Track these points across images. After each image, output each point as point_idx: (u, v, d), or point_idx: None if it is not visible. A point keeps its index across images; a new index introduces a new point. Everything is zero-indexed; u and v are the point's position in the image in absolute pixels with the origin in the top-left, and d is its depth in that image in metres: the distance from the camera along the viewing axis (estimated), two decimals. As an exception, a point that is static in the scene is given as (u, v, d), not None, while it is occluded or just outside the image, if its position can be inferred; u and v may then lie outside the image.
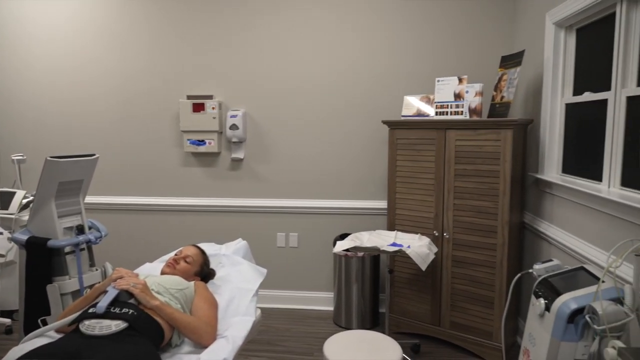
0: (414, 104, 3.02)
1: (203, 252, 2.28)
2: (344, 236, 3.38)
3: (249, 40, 3.45)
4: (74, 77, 3.64)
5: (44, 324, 2.30)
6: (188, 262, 2.16)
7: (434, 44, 3.28)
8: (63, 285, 2.33)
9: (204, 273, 2.23)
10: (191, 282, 2.06)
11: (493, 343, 2.69)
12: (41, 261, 2.30)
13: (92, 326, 1.64)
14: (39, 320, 2.30)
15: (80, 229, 2.46)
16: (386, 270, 2.74)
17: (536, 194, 2.79)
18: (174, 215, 3.66)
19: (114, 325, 1.64)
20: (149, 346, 1.63)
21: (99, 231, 2.55)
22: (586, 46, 2.38)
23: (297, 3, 3.37)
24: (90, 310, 1.72)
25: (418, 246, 2.51)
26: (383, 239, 2.74)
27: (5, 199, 3.17)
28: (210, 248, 2.55)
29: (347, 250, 2.59)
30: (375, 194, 3.45)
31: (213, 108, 3.43)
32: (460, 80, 2.78)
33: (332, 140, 3.45)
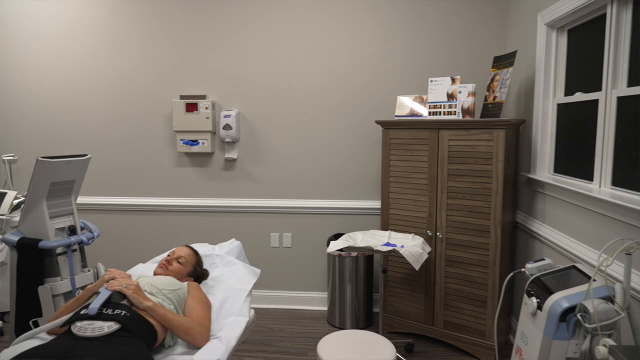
0: (407, 104, 3.03)
1: (196, 253, 2.27)
2: (337, 236, 3.38)
3: (243, 40, 3.44)
4: (66, 77, 3.62)
5: (36, 325, 2.29)
6: (181, 263, 2.15)
7: (427, 44, 3.30)
8: (55, 287, 2.31)
9: (197, 274, 2.23)
10: (184, 283, 2.05)
11: (486, 342, 2.70)
12: (32, 262, 2.28)
13: (84, 328, 1.63)
14: (30, 322, 2.28)
15: (72, 230, 2.44)
16: (380, 270, 2.74)
17: (528, 194, 2.81)
18: (167, 216, 3.64)
19: (106, 327, 1.63)
20: (142, 347, 1.62)
21: (91, 232, 2.54)
22: (577, 47, 2.40)
23: (291, 3, 3.37)
24: (82, 312, 1.71)
25: (411, 246, 2.52)
26: (377, 239, 2.75)
27: (-4, 199, 3.14)
28: (203, 248, 2.54)
29: (341, 250, 2.59)
30: (368, 194, 3.46)
31: (206, 108, 3.42)
32: (453, 80, 2.79)
33: (326, 140, 3.45)
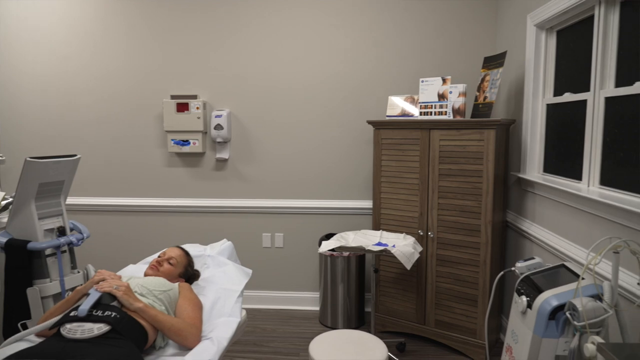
0: (399, 104, 3.04)
1: (187, 254, 2.26)
2: (329, 236, 3.38)
3: (235, 40, 3.43)
4: (55, 76, 3.58)
5: (24, 327, 2.26)
6: (172, 264, 2.14)
7: (418, 45, 3.31)
8: (44, 288, 2.29)
9: (188, 274, 2.22)
10: (175, 284, 2.04)
11: (477, 340, 2.72)
12: (21, 264, 2.25)
13: (74, 330, 1.61)
14: (19, 324, 2.26)
15: (61, 231, 2.42)
16: (372, 270, 2.75)
17: (518, 193, 2.83)
18: (158, 216, 3.62)
19: (96, 329, 1.62)
20: (132, 349, 1.61)
21: (81, 233, 2.52)
22: (566, 48, 2.42)
23: (283, 4, 3.37)
24: (71, 314, 1.69)
25: (403, 245, 2.53)
26: (368, 239, 2.75)
27: (-16, 200, 3.10)
28: (194, 249, 2.53)
29: (333, 250, 2.59)
30: (360, 194, 3.46)
31: (197, 108, 3.40)
32: (444, 80, 2.80)
33: (318, 140, 3.45)
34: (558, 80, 2.51)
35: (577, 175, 2.25)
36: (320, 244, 3.42)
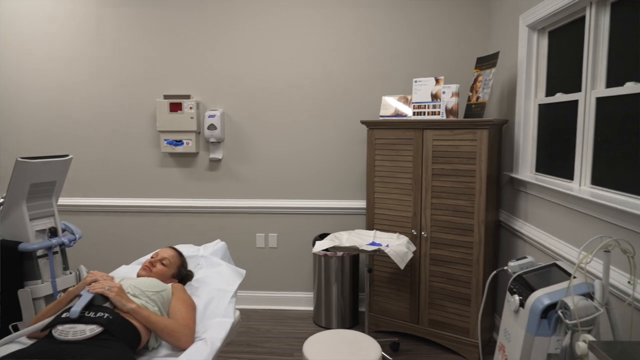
0: (392, 105, 3.04)
1: (180, 254, 2.25)
2: (323, 236, 3.38)
3: (228, 40, 3.42)
4: (47, 76, 3.55)
5: (15, 329, 2.24)
6: (165, 265, 2.13)
7: (412, 45, 3.32)
8: (35, 290, 2.27)
9: (182, 275, 2.21)
10: (168, 285, 2.03)
11: (470, 339, 2.73)
12: (12, 265, 2.23)
13: (66, 331, 1.60)
14: (9, 326, 2.24)
15: (53, 232, 2.40)
16: (365, 270, 2.75)
17: (511, 193, 2.85)
18: (151, 217, 3.60)
19: (89, 330, 1.61)
20: (125, 350, 1.60)
21: (73, 234, 2.50)
22: (558, 48, 2.44)
23: (277, 4, 3.36)
24: (63, 315, 1.68)
25: (396, 245, 2.54)
26: (362, 239, 2.76)
27: (-26, 201, 3.07)
28: (188, 249, 2.52)
29: (327, 250, 2.60)
30: (354, 194, 3.47)
31: (190, 108, 3.39)
32: (437, 81, 2.81)
33: (311, 140, 3.45)
34: (550, 80, 2.53)
35: (569, 174, 2.26)
36: (314, 244, 3.42)
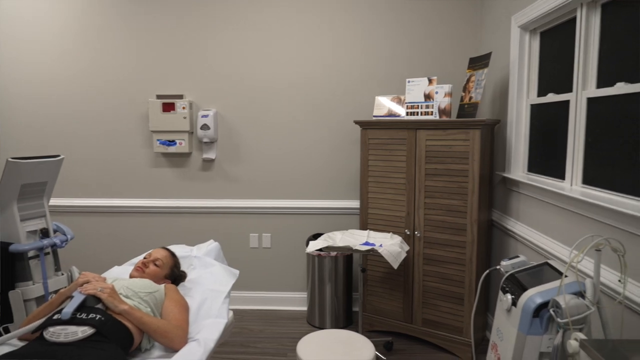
0: (385, 105, 3.05)
1: (173, 255, 2.24)
2: (317, 236, 3.38)
3: (221, 40, 3.41)
4: (38, 75, 3.52)
5: (6, 331, 2.22)
6: (157, 265, 2.12)
7: (405, 46, 3.33)
8: (26, 291, 2.25)
9: (175, 276, 2.20)
10: (161, 285, 2.02)
11: (463, 338, 2.75)
12: (3, 266, 2.21)
13: (57, 333, 1.59)
14: (0, 328, 2.22)
15: (44, 233, 2.38)
16: (359, 270, 2.76)
17: (503, 192, 2.86)
18: (144, 217, 3.58)
19: (80, 332, 1.60)
20: (118, 352, 1.60)
21: (65, 234, 2.48)
22: (550, 49, 2.46)
23: (271, 4, 3.36)
24: (55, 317, 1.67)
25: (390, 245, 2.54)
26: (356, 239, 2.76)
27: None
28: (181, 250, 2.51)
29: (320, 250, 2.60)
30: (347, 194, 3.47)
31: (183, 108, 3.37)
32: (430, 81, 2.82)
33: (305, 140, 3.45)
34: (542, 80, 2.55)
35: (561, 174, 2.28)
36: (307, 244, 3.42)
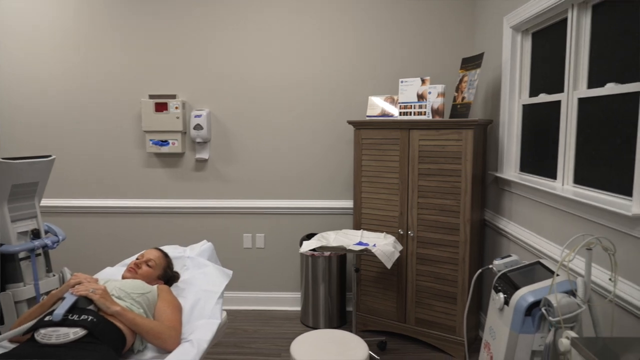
0: (379, 105, 3.06)
1: (166, 255, 2.23)
2: (310, 236, 3.38)
3: (215, 40, 3.40)
4: (30, 76, 3.49)
5: (-3, 333, 2.20)
6: (150, 266, 2.11)
7: (398, 46, 3.34)
8: (17, 293, 2.23)
9: (168, 276, 2.19)
10: (154, 286, 2.01)
11: (456, 337, 2.76)
12: (-7, 268, 2.19)
13: (48, 335, 1.58)
14: (-9, 330, 2.20)
15: (35, 234, 2.36)
16: (353, 269, 2.76)
17: (496, 192, 2.88)
18: (136, 218, 3.56)
19: (72, 333, 1.58)
20: (109, 353, 1.59)
21: (56, 235, 2.46)
22: (541, 49, 2.48)
23: (264, 3, 3.35)
24: (46, 318, 1.66)
25: (383, 245, 2.55)
26: (349, 238, 2.76)
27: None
28: (174, 250, 2.49)
29: (314, 250, 2.60)
30: (341, 194, 3.47)
31: (176, 108, 3.36)
32: (423, 81, 2.83)
33: (299, 140, 3.45)
34: (533, 81, 2.57)
35: (552, 174, 2.30)
36: (301, 244, 3.42)
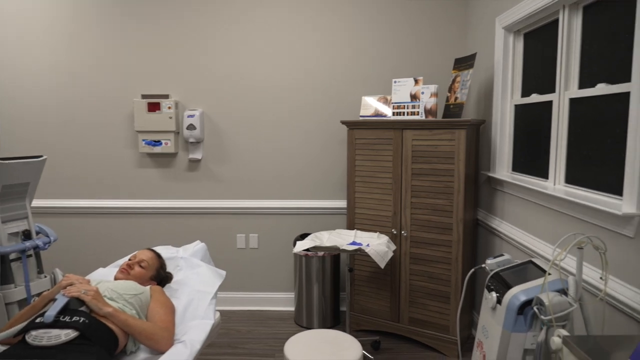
0: (372, 105, 3.06)
1: (159, 256, 2.22)
2: (304, 236, 3.38)
3: (208, 40, 3.39)
4: (21, 75, 3.45)
5: (-13, 335, 2.18)
6: (143, 267, 2.09)
7: (391, 46, 3.35)
8: (8, 294, 2.21)
9: (160, 277, 2.18)
10: (147, 287, 2.00)
11: (450, 337, 2.77)
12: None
13: (40, 336, 1.56)
14: (-19, 332, 2.17)
15: (26, 234, 2.34)
16: (346, 269, 2.77)
17: (488, 192, 2.90)
18: (129, 218, 3.54)
19: (64, 335, 1.57)
20: (102, 355, 1.58)
21: (48, 236, 2.44)
22: (533, 50, 2.49)
23: (257, 3, 3.34)
24: (37, 320, 1.64)
25: (377, 244, 2.55)
26: (343, 238, 2.77)
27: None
28: (167, 251, 2.48)
29: (308, 250, 2.60)
30: (334, 194, 3.47)
31: (169, 108, 3.34)
32: (416, 81, 2.84)
33: (292, 140, 3.44)
34: (525, 81, 2.59)
35: (544, 173, 2.31)
36: (294, 244, 3.42)
